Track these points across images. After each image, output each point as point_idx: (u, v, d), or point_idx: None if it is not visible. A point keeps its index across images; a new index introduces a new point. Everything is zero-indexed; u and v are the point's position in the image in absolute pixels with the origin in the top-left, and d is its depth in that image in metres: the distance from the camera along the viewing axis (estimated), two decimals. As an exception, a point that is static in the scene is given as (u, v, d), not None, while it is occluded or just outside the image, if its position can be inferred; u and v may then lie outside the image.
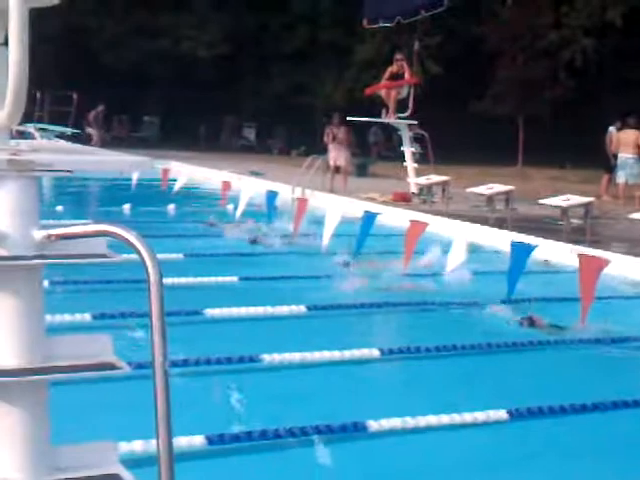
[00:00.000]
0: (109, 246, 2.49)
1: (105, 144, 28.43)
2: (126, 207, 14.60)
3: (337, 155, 20.54)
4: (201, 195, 17.53)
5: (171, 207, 15.36)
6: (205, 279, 9.14)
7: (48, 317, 2.44)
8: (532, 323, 7.88)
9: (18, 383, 2.27)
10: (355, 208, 13.03)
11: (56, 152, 2.48)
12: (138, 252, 2.22)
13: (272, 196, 11.33)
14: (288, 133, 38.07)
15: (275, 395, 6.00)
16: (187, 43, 34.65)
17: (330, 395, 6.16)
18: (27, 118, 25.89)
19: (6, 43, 2.44)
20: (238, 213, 11.90)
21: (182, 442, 4.62)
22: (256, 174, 21.42)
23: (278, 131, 38.67)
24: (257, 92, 38.58)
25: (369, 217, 9.12)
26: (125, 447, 4.28)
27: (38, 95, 26.21)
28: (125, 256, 2.43)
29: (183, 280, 8.74)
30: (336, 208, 9.70)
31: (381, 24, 21.42)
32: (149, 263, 2.20)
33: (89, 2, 32.07)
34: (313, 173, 18.66)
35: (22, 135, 19.52)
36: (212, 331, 7.45)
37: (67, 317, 6.86)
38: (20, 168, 2.28)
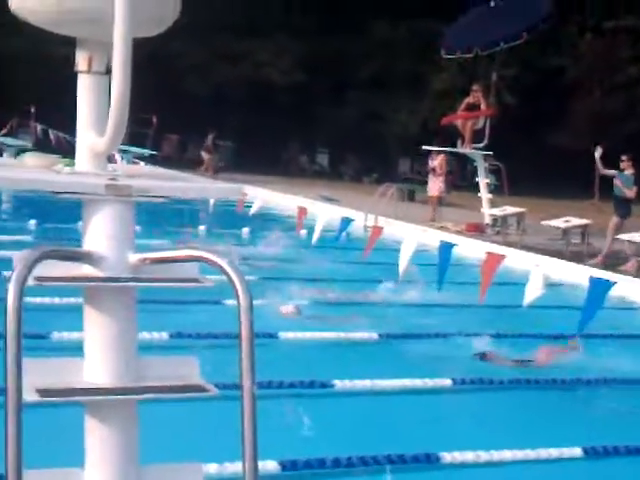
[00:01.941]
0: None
1: (215, 171, 28.85)
2: (202, 228, 14.79)
3: (432, 185, 20.34)
4: (276, 219, 17.64)
5: (245, 230, 15.57)
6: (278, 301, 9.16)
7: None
8: (484, 358, 7.84)
9: (110, 401, 2.33)
10: (428, 238, 13.01)
11: (151, 178, 2.55)
12: (229, 278, 2.27)
13: (346, 223, 11.37)
14: (360, 160, 38.19)
15: (348, 422, 6.01)
16: (265, 69, 35.08)
17: (403, 424, 6.14)
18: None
19: (107, 72, 2.54)
20: (314, 239, 11.96)
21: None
22: (329, 200, 21.52)
23: (350, 158, 38.82)
24: (331, 118, 38.80)
25: (445, 247, 9.08)
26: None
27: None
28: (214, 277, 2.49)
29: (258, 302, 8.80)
30: (412, 237, 9.69)
31: (459, 54, 21.42)
32: (240, 289, 2.25)
33: (174, 27, 32.61)
34: (386, 201, 18.68)
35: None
36: (284, 355, 7.49)
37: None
38: (118, 193, 2.35)
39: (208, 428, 5.25)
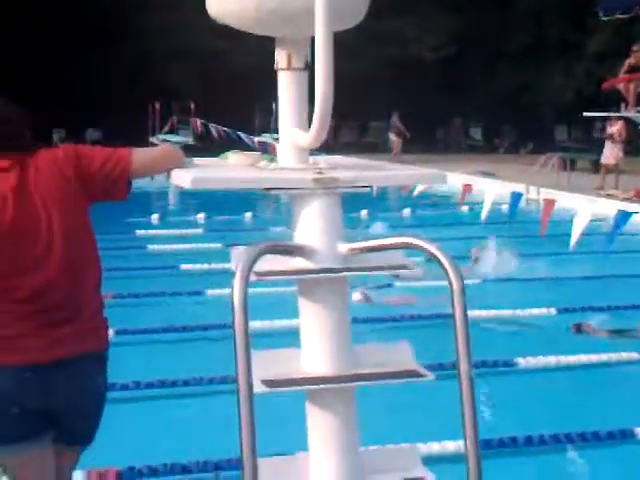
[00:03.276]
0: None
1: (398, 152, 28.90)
2: (363, 213, 14.87)
3: (609, 152, 19.51)
4: (440, 197, 17.51)
5: (406, 212, 15.58)
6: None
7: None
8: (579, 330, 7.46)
9: (331, 390, 2.40)
10: (598, 207, 12.63)
11: (353, 169, 2.59)
12: (440, 263, 2.28)
13: (517, 197, 11.16)
14: (515, 131, 37.45)
15: (534, 399, 5.94)
16: (412, 47, 34.86)
17: (593, 400, 6.02)
18: (265, 130, 26.94)
19: (305, 68, 2.59)
20: (483, 215, 11.81)
21: (450, 447, 4.70)
22: (487, 174, 21.21)
23: (505, 130, 38.12)
24: (483, 91, 38.16)
25: (623, 216, 8.77)
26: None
27: (274, 106, 27.16)
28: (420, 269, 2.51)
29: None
30: (586, 207, 9.43)
31: (618, 15, 20.63)
32: (452, 273, 2.26)
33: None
34: (548, 171, 18.24)
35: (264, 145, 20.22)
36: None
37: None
38: (325, 186, 2.40)
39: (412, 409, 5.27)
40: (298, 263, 2.41)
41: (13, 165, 2.77)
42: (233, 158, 2.75)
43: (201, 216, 14.49)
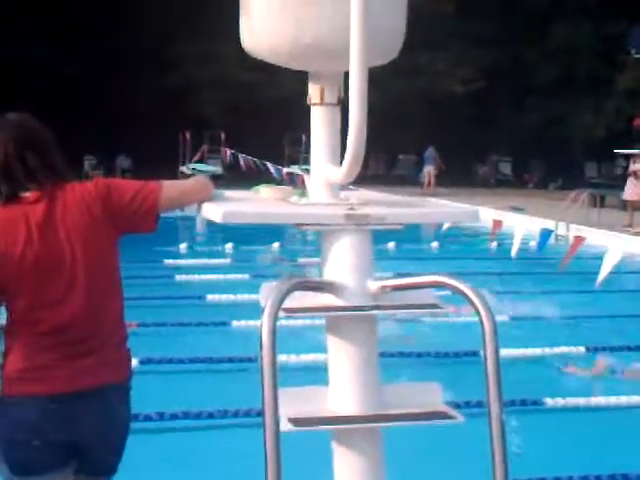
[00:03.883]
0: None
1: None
2: (390, 245, 14.81)
3: (632, 189, 19.31)
4: (469, 231, 17.44)
5: (434, 245, 15.53)
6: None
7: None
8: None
9: (358, 430, 2.36)
10: (626, 244, 12.50)
11: (385, 205, 2.57)
12: (472, 303, 2.25)
13: (547, 234, 11.09)
14: (544, 166, 37.34)
15: (563, 440, 5.86)
16: (444, 80, 34.93)
17: (627, 441, 5.92)
18: (293, 160, 27.01)
19: (338, 103, 2.58)
20: (514, 251, 11.75)
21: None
22: (517, 210, 21.11)
23: (533, 165, 38.02)
24: (512, 126, 38.13)
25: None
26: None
27: (304, 137, 27.29)
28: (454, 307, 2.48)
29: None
30: (616, 245, 9.34)
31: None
32: (484, 314, 2.23)
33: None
34: (577, 208, 18.11)
35: (291, 177, 20.27)
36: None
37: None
38: (356, 222, 2.38)
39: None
40: (327, 300, 2.39)
41: (41, 197, 2.79)
42: (265, 192, 2.73)
43: (229, 246, 14.50)
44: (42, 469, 2.78)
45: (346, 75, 2.43)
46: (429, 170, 30.61)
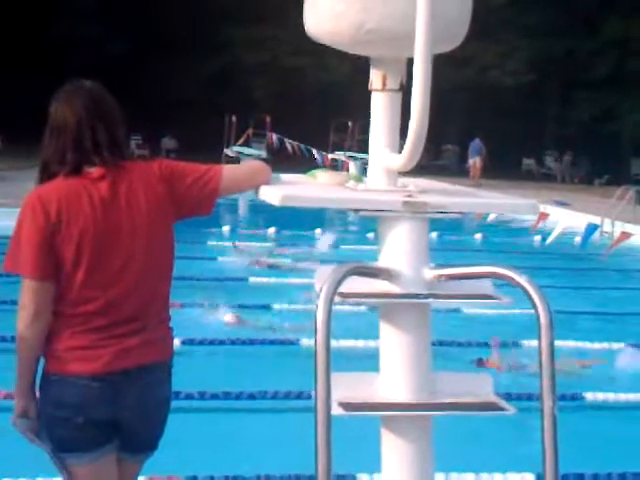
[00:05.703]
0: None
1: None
2: (433, 235, 14.74)
3: None
4: (512, 224, 17.32)
5: (478, 236, 15.45)
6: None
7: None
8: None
9: (408, 417, 2.35)
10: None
11: (443, 194, 2.55)
12: (529, 295, 2.23)
13: (592, 229, 10.99)
14: (591, 161, 36.95)
15: (602, 436, 5.82)
16: (493, 72, 34.68)
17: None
18: (338, 147, 27.01)
19: (400, 90, 2.56)
20: (549, 240, 11.63)
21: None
22: (561, 204, 20.91)
23: (580, 159, 37.64)
24: (560, 120, 37.80)
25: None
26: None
27: (350, 124, 27.25)
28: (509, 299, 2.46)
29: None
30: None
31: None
32: (540, 306, 2.21)
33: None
34: (624, 204, 17.89)
35: (335, 163, 20.31)
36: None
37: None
38: (415, 210, 2.37)
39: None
40: (382, 286, 2.38)
41: (105, 175, 2.76)
42: (321, 176, 2.73)
43: (272, 230, 14.54)
44: (85, 446, 2.80)
45: (409, 62, 2.43)
46: (475, 161, 30.38)
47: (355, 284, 2.34)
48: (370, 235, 14.06)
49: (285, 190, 2.44)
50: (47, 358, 2.81)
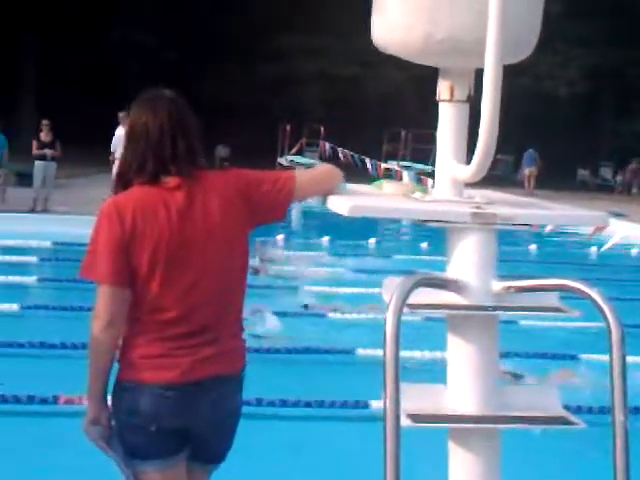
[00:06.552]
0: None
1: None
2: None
3: None
4: (568, 235, 17.13)
5: (533, 247, 15.32)
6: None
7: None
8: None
9: (476, 430, 2.34)
10: None
11: (512, 205, 2.54)
12: (600, 309, 2.20)
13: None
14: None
15: None
16: (548, 82, 34.39)
17: None
18: (391, 156, 26.99)
19: (467, 101, 2.55)
20: (604, 248, 11.46)
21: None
22: (618, 215, 20.63)
23: (636, 170, 37.12)
24: (616, 130, 37.32)
25: None
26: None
27: (403, 133, 27.22)
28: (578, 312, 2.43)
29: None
30: None
31: None
32: (612, 321, 2.18)
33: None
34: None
35: (389, 173, 20.26)
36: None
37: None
38: (483, 221, 2.35)
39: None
40: (450, 297, 2.37)
41: (182, 185, 2.75)
42: (387, 187, 2.72)
43: (325, 239, 14.55)
44: (157, 454, 2.82)
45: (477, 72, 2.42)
46: (530, 171, 30.14)
47: (420, 296, 2.33)
48: (424, 245, 14.09)
49: (354, 200, 2.44)
50: (121, 365, 2.82)
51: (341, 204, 2.43)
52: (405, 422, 2.22)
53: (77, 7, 32.35)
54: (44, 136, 16.40)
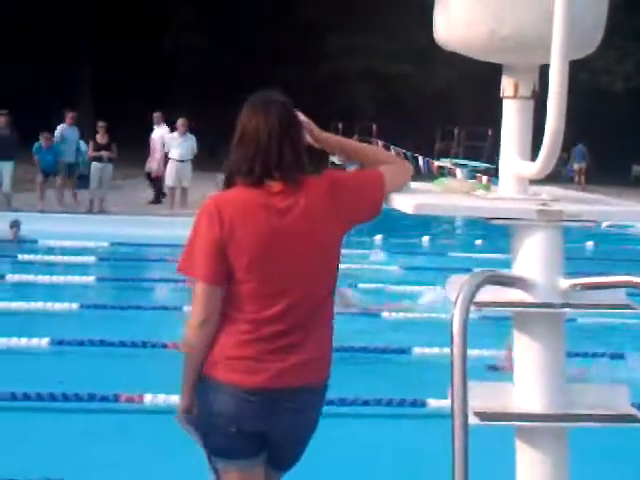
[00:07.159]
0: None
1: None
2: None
3: None
4: (624, 231, 16.88)
5: (589, 244, 15.13)
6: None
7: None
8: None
9: (542, 428, 2.32)
10: None
11: (578, 202, 2.52)
12: (669, 306, 2.18)
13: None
14: None
15: None
16: (603, 77, 33.88)
17: None
18: (444, 154, 26.82)
19: (532, 97, 2.54)
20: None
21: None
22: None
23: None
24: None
25: None
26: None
27: (456, 131, 27.04)
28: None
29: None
30: None
31: None
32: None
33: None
34: None
35: (442, 170, 20.12)
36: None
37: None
38: (549, 218, 2.34)
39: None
40: (516, 295, 2.36)
41: (285, 190, 2.74)
42: (450, 184, 2.72)
43: (378, 237, 14.52)
44: (236, 454, 2.83)
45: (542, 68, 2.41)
46: (580, 167, 29.82)
47: (485, 294, 2.32)
48: (478, 242, 14.00)
49: (418, 198, 2.44)
50: (209, 363, 2.81)
51: (405, 202, 2.43)
52: (472, 420, 2.21)
53: (132, 16, 32.80)
54: (100, 138, 16.61)
